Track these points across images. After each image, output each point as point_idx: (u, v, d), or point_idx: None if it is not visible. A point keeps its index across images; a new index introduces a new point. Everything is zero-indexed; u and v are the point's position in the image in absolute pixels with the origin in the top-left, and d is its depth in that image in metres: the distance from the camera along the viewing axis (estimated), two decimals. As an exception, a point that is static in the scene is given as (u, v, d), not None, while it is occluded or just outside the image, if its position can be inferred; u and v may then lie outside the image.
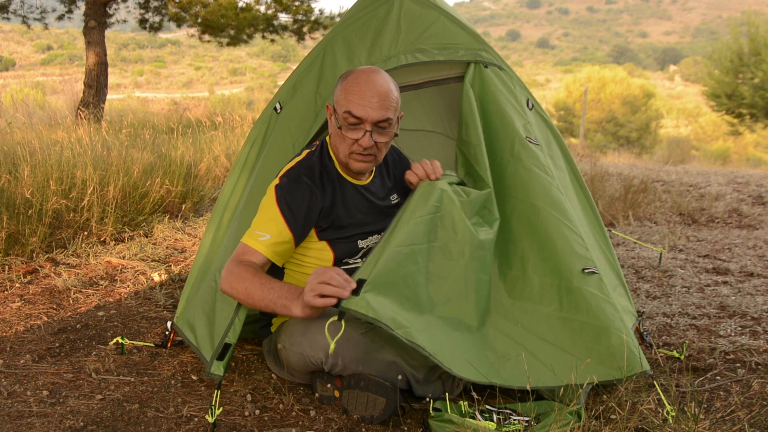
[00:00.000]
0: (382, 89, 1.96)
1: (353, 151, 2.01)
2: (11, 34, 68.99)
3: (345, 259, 2.10)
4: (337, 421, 1.90)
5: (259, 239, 1.94)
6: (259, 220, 1.98)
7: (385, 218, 2.13)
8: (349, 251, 2.10)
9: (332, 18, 11.07)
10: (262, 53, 68.95)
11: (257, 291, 1.84)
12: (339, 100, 2.00)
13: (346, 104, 1.96)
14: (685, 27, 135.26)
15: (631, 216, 5.39)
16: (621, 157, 13.40)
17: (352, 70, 2.03)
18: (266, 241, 1.94)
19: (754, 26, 17.14)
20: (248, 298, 1.86)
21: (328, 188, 2.05)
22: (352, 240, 2.09)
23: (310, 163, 2.06)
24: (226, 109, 12.82)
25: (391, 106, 1.98)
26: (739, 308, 2.98)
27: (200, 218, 4.69)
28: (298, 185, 1.99)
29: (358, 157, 2.02)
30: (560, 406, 1.78)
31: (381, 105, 1.95)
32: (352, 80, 1.98)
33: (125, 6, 11.26)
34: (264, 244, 1.94)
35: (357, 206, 2.10)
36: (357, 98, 1.95)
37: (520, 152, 2.23)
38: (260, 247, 1.94)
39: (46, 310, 2.83)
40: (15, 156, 4.33)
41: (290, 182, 1.99)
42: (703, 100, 22.91)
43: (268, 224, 1.96)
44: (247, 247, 1.95)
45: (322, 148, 2.12)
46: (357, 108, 1.94)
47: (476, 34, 2.46)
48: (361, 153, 2.00)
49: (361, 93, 1.95)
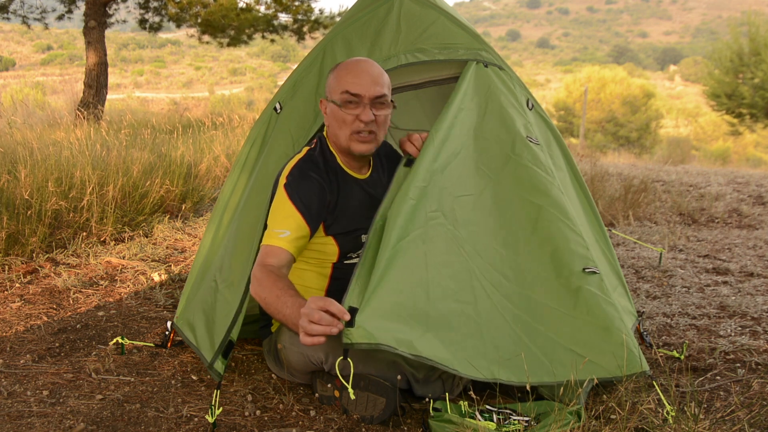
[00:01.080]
0: (373, 69, 2.06)
1: (354, 131, 2.04)
2: (11, 34, 68.99)
3: (349, 253, 2.12)
4: (337, 421, 1.90)
5: (280, 236, 1.95)
6: (276, 219, 1.99)
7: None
8: (352, 245, 2.12)
9: (332, 18, 11.07)
10: (262, 53, 68.95)
11: (273, 303, 1.83)
12: (333, 86, 2.07)
13: (342, 85, 2.03)
14: (685, 27, 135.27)
15: (631, 216, 5.39)
16: (621, 157, 13.40)
17: (342, 62, 2.12)
18: (287, 237, 1.95)
19: (754, 26, 17.14)
20: (267, 307, 1.86)
21: (334, 183, 2.08)
22: (356, 234, 2.11)
23: (313, 159, 2.08)
24: (226, 109, 12.81)
25: (385, 83, 2.06)
26: (739, 308, 2.98)
27: (200, 218, 4.69)
28: (307, 180, 2.02)
29: (360, 137, 2.05)
30: (560, 406, 1.78)
31: (374, 81, 2.03)
32: (342, 67, 2.08)
33: (125, 6, 11.27)
34: (286, 240, 1.94)
35: (360, 200, 2.12)
36: (351, 78, 2.03)
37: (522, 151, 2.22)
38: (283, 244, 1.94)
39: (46, 310, 2.83)
40: (15, 156, 4.33)
41: (299, 178, 2.01)
42: (703, 100, 22.92)
43: (287, 221, 1.97)
44: (269, 248, 1.95)
45: (322, 144, 2.14)
46: (353, 86, 2.02)
47: (476, 34, 2.46)
48: (362, 132, 2.04)
49: (355, 73, 2.04)
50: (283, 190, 2.00)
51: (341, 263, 2.12)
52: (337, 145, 2.12)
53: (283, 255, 1.94)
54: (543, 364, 1.93)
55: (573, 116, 26.69)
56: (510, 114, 2.31)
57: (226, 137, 7.43)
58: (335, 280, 2.12)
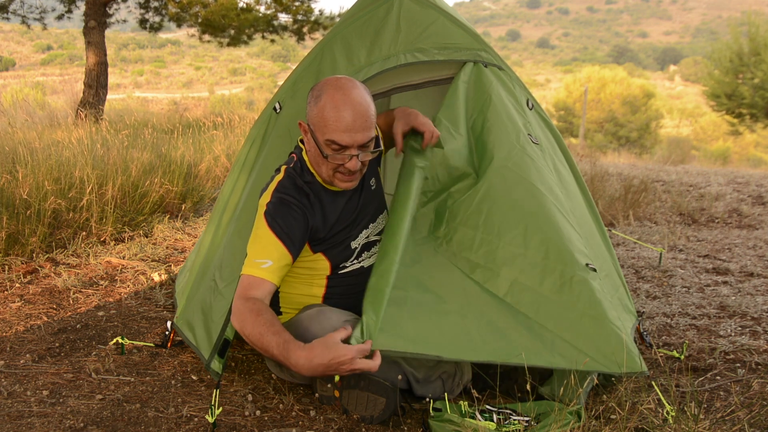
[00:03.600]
0: (361, 108, 1.87)
1: (339, 171, 1.96)
2: (11, 34, 69.01)
3: (341, 264, 2.09)
4: (337, 421, 1.90)
5: (262, 267, 1.89)
6: (256, 248, 1.92)
7: (366, 208, 2.14)
8: (344, 256, 2.09)
9: (332, 18, 11.07)
10: (262, 53, 68.95)
11: (257, 341, 1.81)
12: (317, 124, 1.90)
13: (327, 132, 1.88)
14: (685, 27, 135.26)
15: (631, 216, 5.39)
16: (621, 157, 13.39)
17: (324, 86, 1.91)
18: (269, 267, 1.89)
19: (754, 26, 17.14)
20: (251, 344, 1.84)
21: (316, 204, 2.01)
22: (344, 244, 2.08)
23: (292, 182, 2.00)
24: (226, 109, 12.82)
25: (373, 123, 1.91)
26: (739, 308, 2.98)
27: (200, 218, 4.69)
28: (287, 207, 1.94)
29: (344, 177, 1.96)
30: (560, 406, 1.78)
31: (363, 126, 1.87)
32: (328, 102, 1.87)
33: (125, 6, 11.26)
34: (268, 271, 1.89)
35: (343, 211, 2.08)
36: (338, 125, 1.86)
37: (525, 144, 2.24)
38: (266, 275, 1.89)
39: (46, 310, 2.83)
40: (15, 156, 4.33)
41: (279, 205, 1.94)
42: (703, 100, 22.91)
43: (267, 250, 1.91)
44: (251, 279, 1.89)
45: (301, 163, 2.05)
46: (340, 136, 1.86)
47: (476, 34, 2.46)
48: (347, 174, 1.96)
49: (340, 118, 1.85)
50: (264, 218, 1.93)
51: (335, 274, 2.10)
52: (318, 173, 2.02)
53: (265, 286, 1.89)
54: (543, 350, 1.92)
55: (573, 116, 26.70)
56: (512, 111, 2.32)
57: (226, 137, 7.43)
58: (332, 288, 2.11)
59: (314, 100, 1.92)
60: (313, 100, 1.92)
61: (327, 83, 1.92)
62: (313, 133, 1.93)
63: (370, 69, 2.25)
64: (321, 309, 1.99)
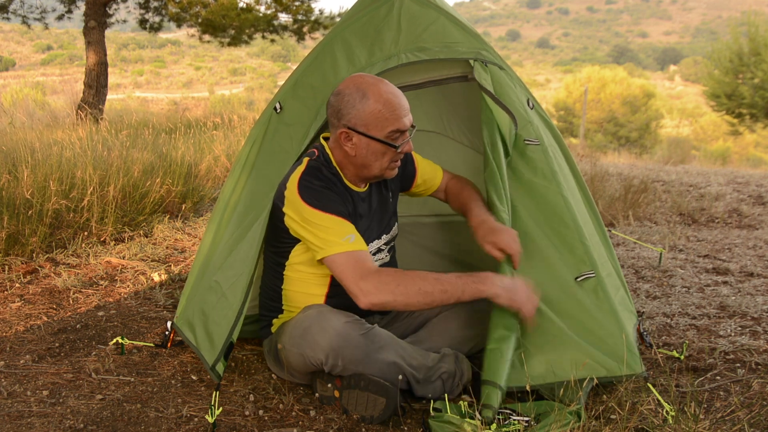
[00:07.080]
0: (400, 93, 2.01)
1: (393, 160, 2.04)
2: (11, 34, 69.02)
3: None
4: (337, 421, 1.90)
5: (350, 242, 1.90)
6: (330, 233, 1.91)
7: (381, 220, 2.18)
8: None
9: (332, 18, 11.07)
10: (262, 53, 68.94)
11: (436, 286, 1.84)
12: (373, 122, 1.96)
13: (389, 124, 1.96)
14: (685, 27, 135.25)
15: (631, 216, 5.39)
16: (621, 157, 13.39)
17: (362, 85, 1.98)
18: (357, 239, 1.93)
19: (754, 26, 17.13)
20: (425, 297, 1.84)
21: (344, 195, 2.05)
22: None
23: (317, 171, 2.02)
24: (226, 110, 12.82)
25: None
26: (739, 308, 2.98)
27: (200, 218, 4.69)
28: (327, 193, 1.97)
29: (394, 164, 2.07)
30: (560, 406, 1.78)
31: (408, 108, 2.02)
32: (380, 97, 1.96)
33: (125, 6, 11.26)
34: (358, 241, 1.92)
35: (364, 214, 2.12)
36: (399, 112, 1.97)
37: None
38: (360, 246, 1.92)
39: (46, 310, 2.83)
40: (16, 156, 4.33)
41: (318, 193, 1.95)
42: (703, 100, 22.91)
43: (341, 228, 1.92)
44: (354, 255, 1.89)
45: (325, 158, 2.08)
46: (402, 122, 1.98)
47: (476, 33, 2.46)
48: (398, 160, 2.06)
49: (400, 105, 1.98)
50: (309, 207, 1.92)
51: None
52: (360, 175, 2.07)
53: (368, 255, 1.93)
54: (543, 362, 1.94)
55: (573, 116, 26.71)
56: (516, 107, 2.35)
57: (226, 137, 7.43)
58: (335, 287, 2.10)
59: (360, 101, 1.95)
60: (359, 101, 1.95)
61: (362, 82, 1.99)
62: (367, 133, 1.97)
63: (371, 69, 2.24)
64: (321, 310, 1.99)
